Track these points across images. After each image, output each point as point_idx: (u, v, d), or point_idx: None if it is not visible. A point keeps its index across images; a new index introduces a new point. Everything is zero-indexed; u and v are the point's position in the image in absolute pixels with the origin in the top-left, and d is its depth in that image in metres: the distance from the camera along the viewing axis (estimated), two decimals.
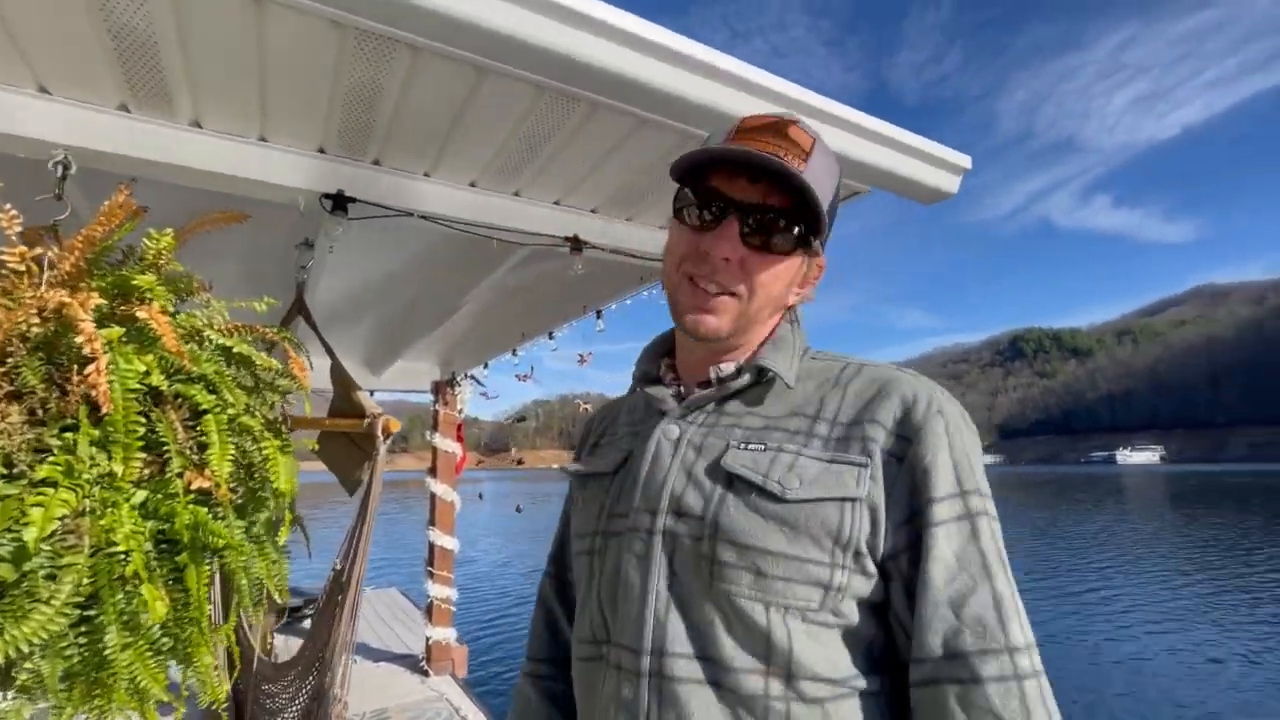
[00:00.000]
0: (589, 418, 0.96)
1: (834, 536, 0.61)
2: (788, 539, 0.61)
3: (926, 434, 0.63)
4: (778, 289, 0.72)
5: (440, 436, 5.42)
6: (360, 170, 1.70)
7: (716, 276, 0.69)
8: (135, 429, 0.91)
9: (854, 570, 0.61)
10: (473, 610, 11.64)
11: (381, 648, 5.92)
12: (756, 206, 0.68)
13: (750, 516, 0.62)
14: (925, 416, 0.64)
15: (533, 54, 1.18)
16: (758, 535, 0.61)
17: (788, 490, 0.62)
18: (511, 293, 3.51)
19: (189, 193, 1.60)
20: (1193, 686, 7.78)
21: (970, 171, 1.94)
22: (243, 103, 1.42)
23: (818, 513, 0.61)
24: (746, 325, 0.73)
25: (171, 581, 0.98)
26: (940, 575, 0.59)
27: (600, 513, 0.76)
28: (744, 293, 0.70)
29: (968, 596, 0.58)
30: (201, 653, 1.02)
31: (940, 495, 0.61)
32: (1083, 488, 56.84)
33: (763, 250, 0.69)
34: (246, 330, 1.36)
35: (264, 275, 3.03)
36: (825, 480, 0.62)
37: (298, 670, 1.98)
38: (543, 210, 1.99)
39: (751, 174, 0.68)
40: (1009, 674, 0.56)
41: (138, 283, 1.05)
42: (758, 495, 0.63)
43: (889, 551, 0.62)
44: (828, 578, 0.60)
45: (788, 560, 0.60)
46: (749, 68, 1.45)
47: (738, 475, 0.64)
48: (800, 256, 0.73)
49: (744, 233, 0.68)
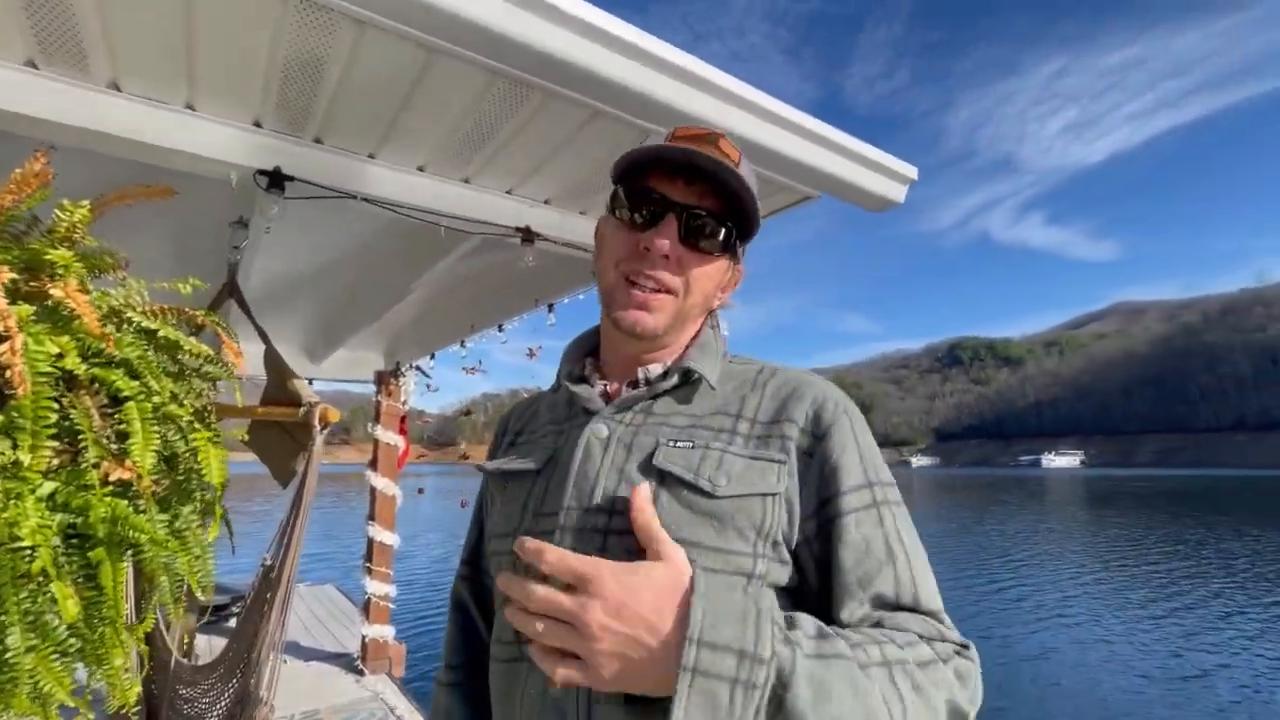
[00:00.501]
0: (505, 415, 0.94)
1: (757, 529, 0.64)
2: (716, 532, 0.63)
3: (835, 431, 0.69)
4: (710, 288, 0.76)
5: (382, 429, 5.25)
6: (300, 147, 1.61)
7: (655, 273, 0.72)
8: (46, 415, 0.84)
9: (772, 559, 0.65)
10: (414, 607, 11.36)
11: (315, 646, 5.69)
12: (694, 207, 0.71)
13: (682, 512, 0.64)
14: (834, 416, 0.70)
15: (484, 37, 1.15)
16: (688, 530, 0.63)
17: (717, 487, 0.64)
18: (460, 283, 3.42)
19: (107, 161, 1.49)
20: (1094, 673, 8.37)
21: (916, 183, 2.00)
22: (167, 66, 1.32)
23: (744, 507, 0.64)
24: (679, 325, 0.76)
25: (82, 579, 0.91)
26: (850, 558, 0.64)
27: (523, 512, 0.74)
28: (680, 290, 0.73)
29: (874, 577, 0.64)
30: (114, 654, 0.95)
31: (849, 487, 0.66)
32: (1010, 489, 60.12)
33: (698, 250, 0.73)
34: (172, 312, 1.27)
35: (194, 254, 2.86)
36: (749, 477, 0.66)
37: (220, 672, 1.87)
38: (494, 199, 1.94)
39: (688, 176, 0.71)
40: (904, 613, 0.65)
41: (52, 257, 0.97)
42: (689, 491, 0.65)
43: (802, 539, 0.67)
44: (750, 567, 0.63)
45: (715, 552, 0.63)
46: (708, 67, 1.45)
47: (669, 473, 0.66)
48: (728, 260, 0.77)
49: (681, 232, 0.71)
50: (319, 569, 14.66)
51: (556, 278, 2.98)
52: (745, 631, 0.52)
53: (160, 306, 1.25)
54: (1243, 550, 19.07)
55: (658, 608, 0.54)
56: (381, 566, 5.09)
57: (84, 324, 0.96)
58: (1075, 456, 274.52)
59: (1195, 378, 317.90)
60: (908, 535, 0.68)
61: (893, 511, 0.68)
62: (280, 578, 1.71)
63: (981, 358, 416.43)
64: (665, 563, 0.58)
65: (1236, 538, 21.78)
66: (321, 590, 8.03)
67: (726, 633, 0.52)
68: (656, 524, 0.60)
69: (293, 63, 1.32)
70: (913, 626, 0.62)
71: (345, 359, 5.31)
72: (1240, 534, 22.87)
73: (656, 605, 0.54)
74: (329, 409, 1.69)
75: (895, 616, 0.63)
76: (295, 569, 1.78)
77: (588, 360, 0.84)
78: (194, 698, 1.93)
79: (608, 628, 0.53)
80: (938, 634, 0.63)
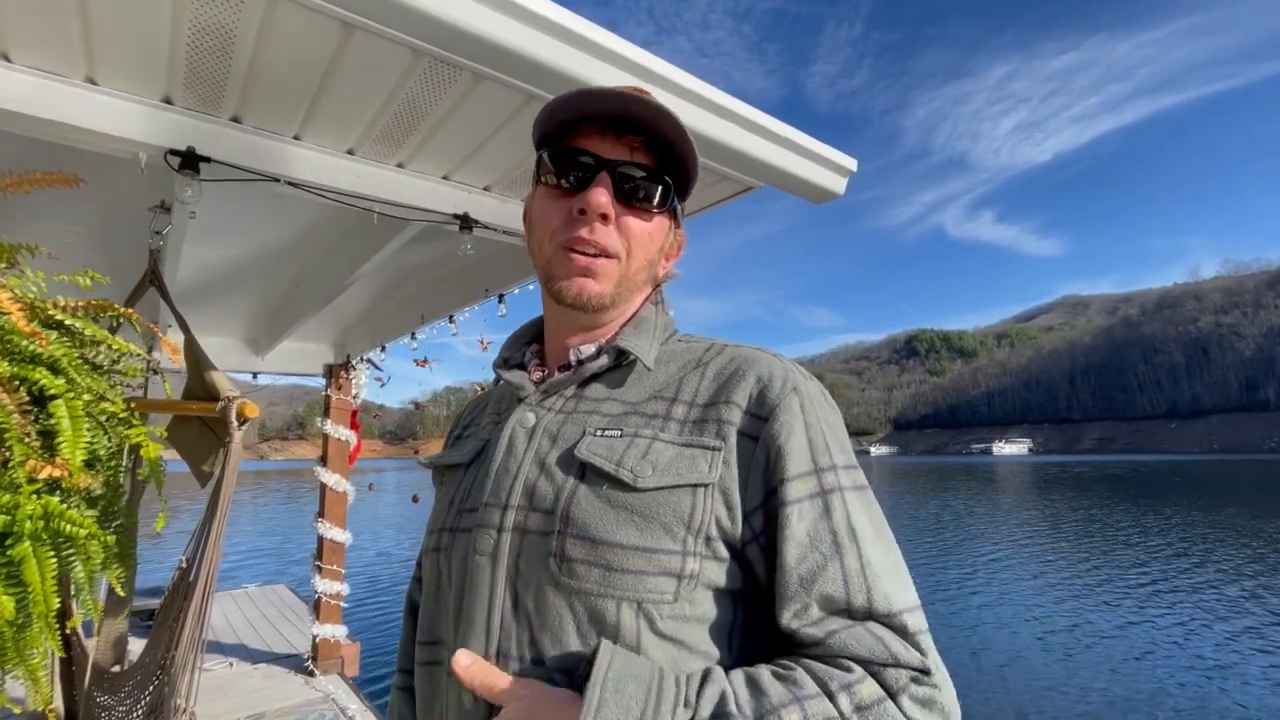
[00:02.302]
0: (458, 411, 0.91)
1: (685, 523, 0.58)
2: (639, 529, 0.57)
3: (781, 412, 0.61)
4: (653, 250, 0.71)
5: (332, 423, 5.09)
6: (215, 126, 1.52)
7: (593, 237, 0.66)
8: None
9: (706, 556, 0.58)
10: (370, 605, 11.12)
11: (263, 648, 5.52)
12: (628, 163, 0.66)
13: (601, 509, 0.59)
14: (780, 394, 0.62)
15: (402, 13, 1.10)
16: (609, 529, 0.58)
17: (640, 479, 0.59)
18: (406, 273, 3.33)
19: (8, 139, 1.38)
20: (1032, 646, 8.85)
21: (855, 174, 2.02)
22: (60, 36, 1.23)
23: (669, 500, 0.58)
24: (625, 293, 0.70)
25: (5, 577, 0.87)
26: (793, 554, 0.57)
27: (450, 508, 0.71)
28: (622, 252, 0.68)
29: (818, 575, 0.56)
30: (39, 652, 0.91)
31: (793, 474, 0.59)
32: (963, 476, 62.41)
33: (635, 209, 0.68)
34: (92, 307, 1.20)
35: (119, 241, 2.70)
36: (678, 466, 0.60)
37: (136, 679, 1.77)
38: (430, 185, 1.88)
39: (618, 129, 0.66)
40: (855, 625, 0.57)
41: None
42: (610, 485, 0.59)
43: (749, 534, 0.60)
44: (679, 567, 0.57)
45: (639, 553, 0.57)
46: (646, 53, 1.42)
47: (590, 464, 0.61)
48: (668, 219, 0.72)
49: (616, 190, 0.66)
50: (274, 568, 14.25)
51: (504, 267, 2.93)
52: None
53: (79, 302, 1.18)
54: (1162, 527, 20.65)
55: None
56: (332, 564, 4.95)
57: (11, 322, 0.91)
58: (1024, 444, 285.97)
59: (1134, 368, 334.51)
60: (863, 525, 0.59)
61: (844, 499, 0.59)
62: (198, 579, 1.63)
63: (937, 349, 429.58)
64: (518, 703, 0.54)
65: (1163, 518, 23.38)
66: (273, 590, 7.79)
67: None
68: (490, 680, 0.56)
69: (199, 33, 1.24)
70: (860, 650, 0.53)
71: (293, 351, 5.12)
72: (1165, 514, 24.56)
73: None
74: (248, 403, 1.61)
75: (843, 636, 0.54)
76: (215, 570, 1.69)
77: (529, 348, 0.79)
78: (111, 706, 1.83)
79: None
80: (890, 657, 0.53)
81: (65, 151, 1.46)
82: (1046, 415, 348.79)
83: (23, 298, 0.99)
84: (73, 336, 1.02)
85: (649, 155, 0.67)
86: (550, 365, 0.76)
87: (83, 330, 1.02)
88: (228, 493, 1.58)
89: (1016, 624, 10.05)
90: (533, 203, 0.74)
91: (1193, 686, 7.37)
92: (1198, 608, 10.76)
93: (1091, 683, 7.54)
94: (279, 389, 41.30)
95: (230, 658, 5.22)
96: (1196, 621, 9.95)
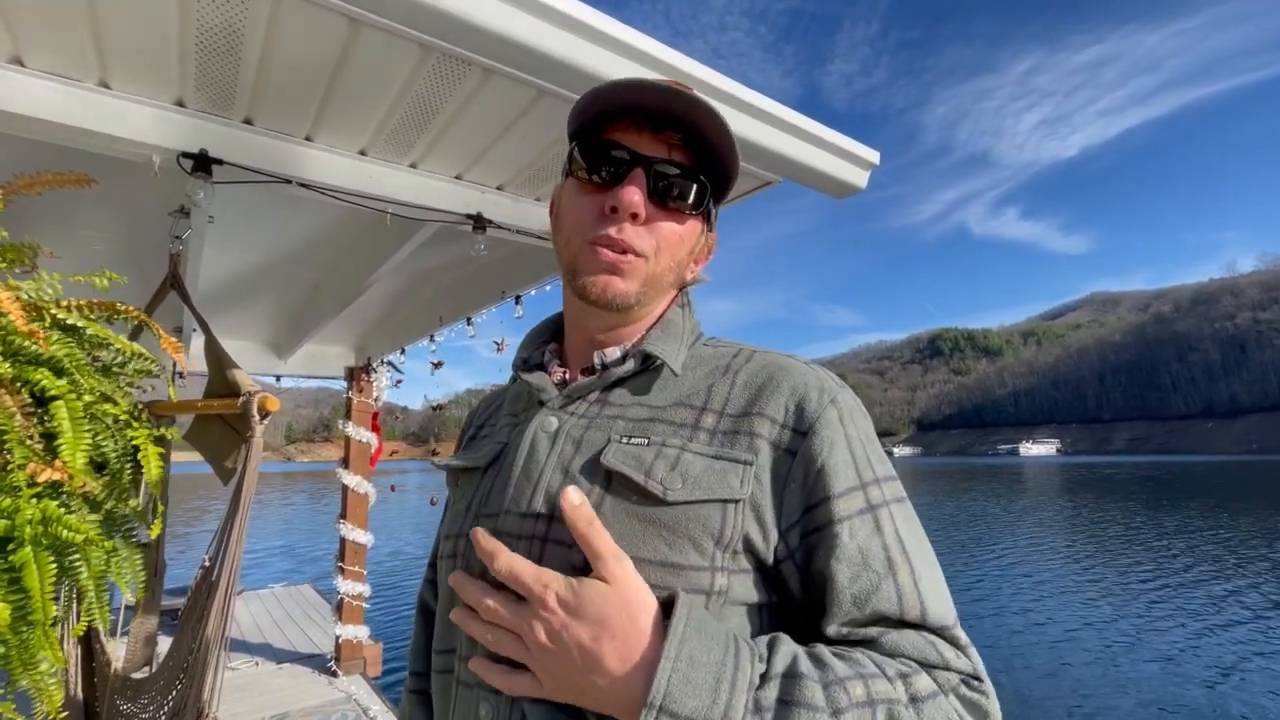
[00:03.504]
0: (472, 409, 0.88)
1: (715, 539, 0.56)
2: (667, 544, 0.55)
3: (821, 426, 0.58)
4: (682, 253, 0.68)
5: (354, 425, 5.14)
6: (228, 129, 1.52)
7: (624, 235, 0.63)
8: None
9: (734, 571, 0.56)
10: (394, 606, 11.25)
11: (287, 648, 5.60)
12: (664, 161, 0.64)
13: (629, 522, 0.56)
14: (819, 408, 0.59)
15: (410, 7, 1.07)
16: (635, 543, 0.55)
17: (669, 491, 0.56)
18: (423, 276, 3.34)
19: (22, 145, 1.39)
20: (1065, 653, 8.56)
21: (877, 167, 1.96)
22: (73, 40, 1.23)
23: (699, 515, 0.56)
24: (651, 293, 0.67)
25: (7, 583, 0.86)
26: (845, 573, 0.55)
27: (467, 512, 0.68)
28: (651, 252, 0.65)
29: (872, 594, 0.54)
30: (41, 658, 0.90)
31: (839, 491, 0.57)
32: (991, 477, 61.23)
33: (668, 209, 0.65)
34: (102, 307, 1.20)
35: (143, 245, 2.74)
36: (708, 480, 0.57)
37: (159, 684, 1.78)
38: (443, 185, 1.86)
39: (656, 125, 0.63)
40: (908, 630, 0.55)
41: None
42: (638, 497, 0.57)
43: (785, 551, 0.58)
44: (709, 583, 0.55)
45: (667, 568, 0.55)
46: (662, 46, 1.38)
47: (618, 473, 0.58)
48: (701, 222, 0.69)
49: (651, 188, 0.63)
50: (300, 568, 14.51)
51: (521, 268, 2.91)
52: (715, 703, 0.46)
53: (89, 302, 1.17)
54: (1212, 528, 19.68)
55: (606, 649, 0.49)
56: (354, 566, 5.00)
57: (10, 322, 0.90)
58: (1052, 445, 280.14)
59: (1168, 366, 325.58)
60: (911, 539, 0.58)
61: (891, 513, 0.58)
62: (220, 579, 1.62)
63: (961, 348, 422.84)
64: (612, 587, 0.51)
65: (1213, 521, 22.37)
66: (297, 590, 7.91)
67: (691, 704, 0.46)
68: (599, 535, 0.52)
69: (208, 36, 1.23)
70: (912, 652, 0.53)
71: (314, 354, 5.19)
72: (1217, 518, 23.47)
73: (606, 645, 0.49)
74: (269, 397, 1.60)
75: (894, 636, 0.54)
76: (238, 568, 1.69)
77: (548, 347, 0.76)
78: (134, 713, 1.84)
79: (552, 653, 0.50)
80: (941, 661, 0.53)
81: (87, 158, 1.47)
82: (1075, 415, 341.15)
83: (23, 298, 0.98)
84: (78, 337, 1.01)
85: (687, 154, 0.64)
86: (571, 366, 0.73)
87: (86, 330, 1.01)
88: (250, 489, 1.57)
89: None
90: (561, 195, 0.71)
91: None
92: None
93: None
94: (304, 392, 41.77)
95: (256, 657, 5.30)
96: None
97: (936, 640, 0.54)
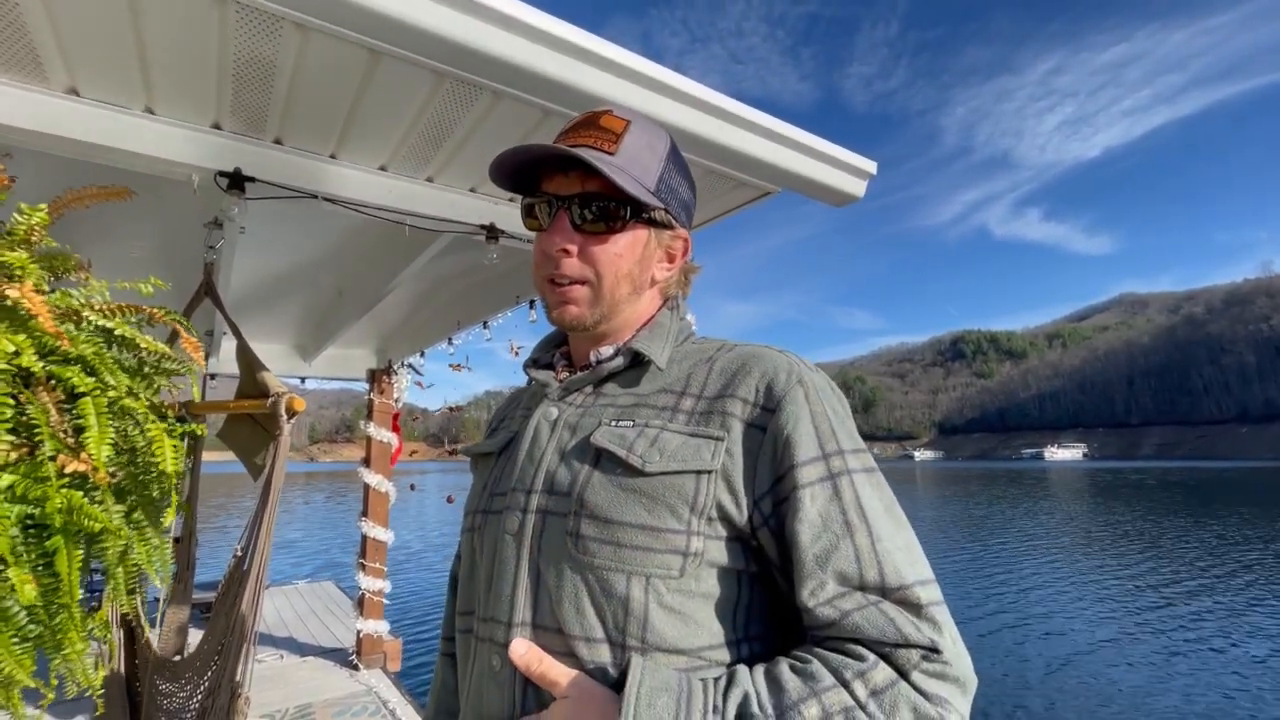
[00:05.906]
0: (498, 406, 1.00)
1: (689, 505, 0.63)
2: (646, 510, 0.63)
3: (787, 403, 0.65)
4: (625, 266, 0.75)
5: (375, 426, 5.29)
6: (260, 149, 1.64)
7: (563, 270, 0.73)
8: (3, 411, 0.88)
9: (709, 536, 0.64)
10: (413, 603, 11.43)
11: (310, 641, 5.76)
12: (575, 196, 0.72)
13: (613, 492, 0.65)
14: (786, 387, 0.66)
15: (425, 39, 1.18)
16: (619, 509, 0.64)
17: (648, 463, 0.64)
18: (440, 282, 3.46)
19: (74, 167, 1.52)
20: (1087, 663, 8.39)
21: (875, 177, 2.02)
22: (122, 71, 1.35)
23: (674, 484, 0.64)
24: (610, 309, 0.76)
25: (41, 567, 0.95)
26: (807, 535, 0.61)
27: (483, 491, 0.79)
28: (592, 277, 0.74)
29: (831, 553, 0.60)
30: (72, 639, 0.99)
31: (802, 460, 0.63)
32: (1014, 482, 60.03)
33: (595, 234, 0.73)
34: (131, 310, 1.30)
35: (181, 255, 2.89)
36: (683, 454, 0.65)
37: (196, 666, 1.90)
38: (457, 197, 1.97)
39: (563, 166, 0.73)
40: (868, 605, 0.59)
41: (8, 259, 1.00)
42: (621, 470, 0.65)
43: (759, 519, 0.64)
44: (684, 545, 0.63)
45: (647, 531, 0.63)
46: (658, 67, 1.47)
47: (604, 450, 0.67)
48: (641, 230, 0.75)
49: (575, 222, 0.72)
50: (325, 565, 14.76)
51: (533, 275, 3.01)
52: None
53: (119, 305, 1.28)
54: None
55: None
56: (375, 562, 5.13)
57: (39, 323, 1.00)
58: (1078, 449, 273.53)
59: (1199, 369, 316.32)
60: (872, 504, 0.62)
61: (853, 481, 0.63)
62: (251, 569, 1.74)
63: (984, 350, 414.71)
64: (570, 698, 0.60)
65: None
66: (320, 586, 8.10)
67: None
68: (549, 668, 0.62)
69: (243, 65, 1.35)
70: (871, 632, 0.57)
71: (338, 357, 5.35)
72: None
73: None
74: (295, 397, 1.71)
75: (855, 617, 0.58)
76: (267, 558, 1.80)
77: (558, 350, 0.87)
78: (172, 692, 1.97)
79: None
80: (900, 637, 0.56)
81: (128, 175, 1.59)
82: (1102, 419, 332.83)
83: (62, 301, 1.07)
84: (109, 338, 1.10)
85: (599, 181, 0.71)
86: (574, 365, 0.84)
87: (115, 331, 1.10)
88: (278, 483, 1.69)
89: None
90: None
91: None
92: None
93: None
94: (328, 393, 42.50)
95: (281, 650, 5.46)
96: None
97: (897, 614, 0.57)
